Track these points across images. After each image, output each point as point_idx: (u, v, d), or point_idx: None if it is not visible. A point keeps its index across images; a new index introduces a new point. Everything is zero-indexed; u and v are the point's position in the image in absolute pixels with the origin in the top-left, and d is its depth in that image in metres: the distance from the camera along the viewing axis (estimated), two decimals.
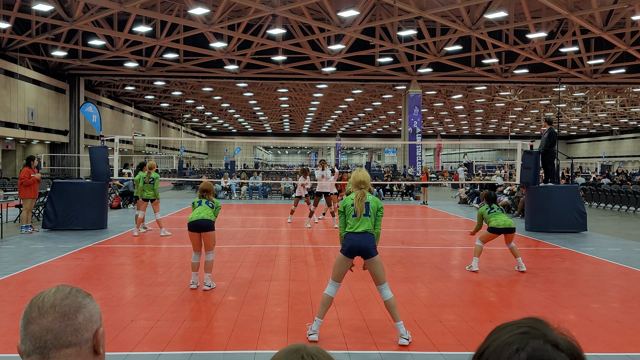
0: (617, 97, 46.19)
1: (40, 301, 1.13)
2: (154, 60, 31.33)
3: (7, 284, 7.08)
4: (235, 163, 45.01)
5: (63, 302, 1.12)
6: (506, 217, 8.30)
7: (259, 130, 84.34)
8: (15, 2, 23.47)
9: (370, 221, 5.06)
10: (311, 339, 4.92)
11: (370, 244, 5.01)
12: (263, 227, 13.68)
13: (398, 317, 4.97)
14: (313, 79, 35.41)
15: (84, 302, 1.15)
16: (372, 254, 5.01)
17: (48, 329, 1.09)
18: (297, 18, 23.85)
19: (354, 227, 5.02)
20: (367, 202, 5.11)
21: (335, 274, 5.10)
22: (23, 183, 12.05)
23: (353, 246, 4.99)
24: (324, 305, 5.03)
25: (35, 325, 1.10)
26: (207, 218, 6.93)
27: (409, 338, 4.90)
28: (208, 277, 7.02)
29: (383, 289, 5.03)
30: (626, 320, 5.73)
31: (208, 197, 7.22)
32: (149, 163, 12.47)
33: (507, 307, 6.26)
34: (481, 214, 8.47)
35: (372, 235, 5.06)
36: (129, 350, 4.65)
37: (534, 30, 25.83)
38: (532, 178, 13.34)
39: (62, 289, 1.15)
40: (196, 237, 7.00)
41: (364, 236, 5.00)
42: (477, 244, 8.40)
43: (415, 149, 35.56)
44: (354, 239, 4.99)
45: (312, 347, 1.02)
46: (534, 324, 0.89)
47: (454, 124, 70.69)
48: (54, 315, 1.10)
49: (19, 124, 30.44)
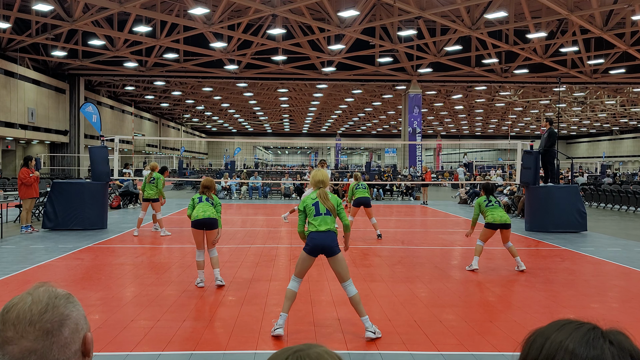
0: (617, 97, 46.19)
1: (15, 317, 0.95)
2: (154, 60, 31.33)
3: (7, 284, 7.08)
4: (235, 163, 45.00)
5: (43, 318, 0.96)
6: (502, 212, 8.28)
7: (259, 130, 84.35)
8: (15, 2, 23.47)
9: (331, 220, 5.19)
10: (276, 333, 4.98)
11: (333, 242, 5.12)
12: (263, 227, 13.68)
13: (363, 312, 5.08)
14: (313, 79, 35.41)
15: (66, 311, 0.99)
16: (335, 252, 5.12)
17: (31, 349, 0.94)
18: (297, 18, 23.85)
19: (317, 226, 5.13)
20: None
21: (298, 271, 5.23)
22: (24, 183, 12.05)
23: (317, 245, 5.11)
24: (288, 300, 5.15)
25: (15, 347, 0.94)
26: (213, 217, 7.00)
27: (374, 331, 5.00)
28: (218, 272, 7.10)
29: (347, 286, 5.15)
30: (626, 320, 5.73)
31: (209, 193, 7.22)
32: (151, 164, 12.50)
33: (507, 307, 6.26)
34: (478, 204, 8.43)
35: (335, 234, 5.19)
36: (129, 350, 4.64)
37: (534, 30, 25.83)
38: (532, 178, 13.33)
39: (38, 299, 0.98)
40: (200, 234, 7.05)
41: (327, 235, 5.11)
42: (478, 243, 8.39)
43: (415, 149, 35.56)
44: (318, 238, 5.11)
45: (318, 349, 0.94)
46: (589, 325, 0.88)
47: (454, 124, 70.70)
48: (36, 334, 0.94)
49: (19, 124, 30.45)
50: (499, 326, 5.47)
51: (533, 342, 0.87)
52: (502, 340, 5.03)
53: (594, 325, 0.86)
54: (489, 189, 8.56)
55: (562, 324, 0.86)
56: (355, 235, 12.05)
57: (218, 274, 7.09)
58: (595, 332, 0.84)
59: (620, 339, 0.83)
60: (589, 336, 0.83)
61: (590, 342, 0.82)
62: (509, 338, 5.11)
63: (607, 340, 0.82)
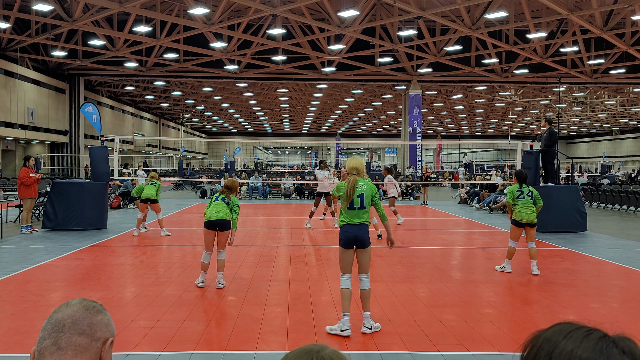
0: (617, 97, 46.20)
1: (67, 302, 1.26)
2: (154, 60, 31.33)
3: (7, 284, 7.07)
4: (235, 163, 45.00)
5: (88, 304, 1.26)
6: (531, 209, 7.94)
7: (259, 130, 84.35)
8: (15, 2, 23.47)
9: (365, 213, 5.23)
10: (346, 334, 5.05)
11: (365, 235, 5.21)
12: (263, 227, 13.67)
13: (368, 308, 5.22)
14: (313, 79, 35.41)
15: (104, 311, 1.28)
16: (366, 244, 5.22)
17: (69, 315, 1.21)
18: (297, 18, 23.85)
19: (350, 219, 5.20)
20: (362, 193, 5.20)
21: (343, 267, 5.31)
22: (23, 183, 12.05)
23: (349, 237, 5.19)
24: (346, 299, 5.20)
25: (60, 313, 1.22)
26: (226, 218, 6.90)
27: (371, 327, 5.13)
28: (221, 275, 7.04)
29: (364, 279, 5.28)
30: (626, 320, 5.73)
31: (228, 194, 7.06)
32: (151, 174, 12.46)
33: (507, 307, 6.26)
34: (511, 192, 8.04)
35: (367, 226, 5.26)
36: (129, 350, 4.64)
37: (534, 30, 25.83)
38: (532, 178, 13.33)
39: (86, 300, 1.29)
40: (211, 235, 6.95)
41: (359, 228, 5.19)
42: (510, 245, 8.11)
43: (415, 149, 35.56)
44: (351, 231, 5.18)
45: (329, 350, 0.97)
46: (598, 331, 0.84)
47: (454, 124, 70.70)
48: (78, 307, 1.23)
49: (19, 124, 30.45)
50: (499, 326, 5.46)
51: (540, 348, 0.84)
52: (502, 340, 5.03)
53: (604, 333, 0.83)
54: (522, 177, 8.08)
55: (569, 330, 0.83)
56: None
57: (220, 278, 7.03)
58: (607, 341, 0.81)
59: (632, 346, 0.81)
60: (601, 345, 0.80)
61: (604, 351, 0.80)
62: (509, 338, 5.11)
63: (620, 349, 0.80)
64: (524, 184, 8.11)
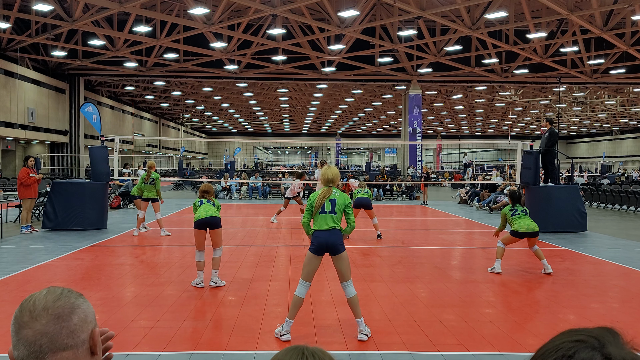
0: (617, 97, 46.19)
1: (31, 304, 1.08)
2: (154, 60, 31.32)
3: (7, 284, 7.07)
4: (235, 163, 45.00)
5: (56, 304, 1.08)
6: (530, 220, 8.07)
7: (259, 130, 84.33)
8: (15, 2, 23.46)
9: (336, 218, 5.13)
10: (285, 339, 4.94)
11: (338, 240, 5.07)
12: (263, 227, 13.67)
13: (359, 314, 5.07)
14: (313, 79, 35.40)
15: (77, 302, 1.11)
16: (339, 250, 5.07)
17: (42, 332, 1.04)
18: (297, 18, 23.84)
19: (322, 224, 5.10)
20: (334, 199, 5.16)
21: (305, 273, 5.12)
22: (23, 183, 12.05)
23: (321, 243, 5.06)
24: (295, 307, 5.04)
25: (28, 330, 1.05)
26: (216, 215, 7.05)
27: (368, 333, 5.02)
28: (215, 273, 7.13)
29: (347, 286, 5.09)
30: (626, 320, 5.73)
31: (209, 197, 7.33)
32: (148, 163, 12.45)
33: (507, 307, 6.26)
34: (504, 215, 8.20)
35: (339, 231, 5.13)
36: (129, 350, 4.64)
37: (534, 30, 25.82)
38: (532, 178, 13.34)
39: (53, 291, 1.11)
40: (202, 235, 7.06)
41: (331, 233, 5.07)
42: (499, 245, 8.22)
43: (415, 149, 35.54)
44: (322, 236, 5.06)
45: (313, 347, 1.02)
46: (598, 333, 0.79)
47: (454, 124, 70.68)
48: (48, 318, 1.06)
49: (19, 124, 30.44)
50: (499, 326, 5.46)
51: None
52: (502, 340, 5.03)
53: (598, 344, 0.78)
54: (515, 198, 8.24)
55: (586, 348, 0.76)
56: (356, 236, 12.05)
57: (215, 275, 7.10)
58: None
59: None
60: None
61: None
62: (509, 338, 5.11)
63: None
64: (518, 204, 8.22)
